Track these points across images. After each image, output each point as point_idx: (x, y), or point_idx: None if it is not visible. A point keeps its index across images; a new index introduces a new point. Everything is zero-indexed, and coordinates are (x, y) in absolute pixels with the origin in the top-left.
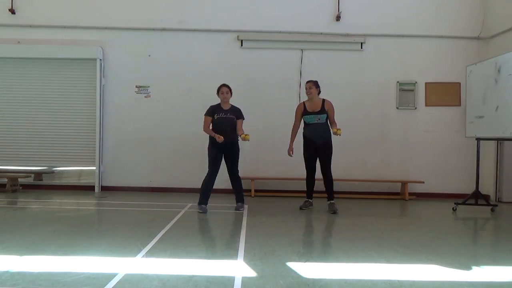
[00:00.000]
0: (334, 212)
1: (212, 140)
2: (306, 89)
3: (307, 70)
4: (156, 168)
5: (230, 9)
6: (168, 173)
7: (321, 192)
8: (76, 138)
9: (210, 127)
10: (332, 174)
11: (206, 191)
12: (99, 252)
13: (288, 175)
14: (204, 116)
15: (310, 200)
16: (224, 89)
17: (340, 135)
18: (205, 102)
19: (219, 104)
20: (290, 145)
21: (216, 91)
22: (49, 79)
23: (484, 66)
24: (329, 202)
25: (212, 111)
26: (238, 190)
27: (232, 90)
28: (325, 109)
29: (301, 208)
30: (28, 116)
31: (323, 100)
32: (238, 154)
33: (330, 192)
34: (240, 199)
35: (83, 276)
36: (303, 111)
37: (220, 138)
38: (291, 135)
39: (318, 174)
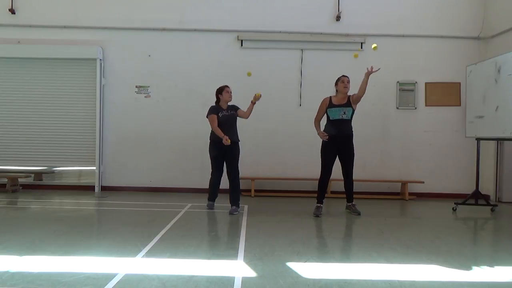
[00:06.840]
0: (358, 213)
1: (212, 140)
2: (343, 82)
3: (307, 70)
4: (156, 168)
5: (230, 9)
6: (168, 173)
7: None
8: (76, 138)
9: None
10: (332, 174)
11: (211, 190)
12: (99, 252)
13: (288, 175)
14: (210, 116)
15: (321, 205)
16: (229, 89)
17: (375, 49)
18: (205, 102)
19: (218, 104)
20: (318, 131)
21: (216, 91)
22: (49, 79)
23: (484, 66)
24: (350, 203)
25: (217, 110)
26: (234, 192)
27: (232, 90)
28: (350, 101)
29: (317, 216)
30: (28, 116)
31: (349, 95)
32: (238, 155)
33: (351, 193)
34: (235, 202)
35: (83, 276)
36: (328, 104)
37: (227, 141)
38: (315, 125)
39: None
